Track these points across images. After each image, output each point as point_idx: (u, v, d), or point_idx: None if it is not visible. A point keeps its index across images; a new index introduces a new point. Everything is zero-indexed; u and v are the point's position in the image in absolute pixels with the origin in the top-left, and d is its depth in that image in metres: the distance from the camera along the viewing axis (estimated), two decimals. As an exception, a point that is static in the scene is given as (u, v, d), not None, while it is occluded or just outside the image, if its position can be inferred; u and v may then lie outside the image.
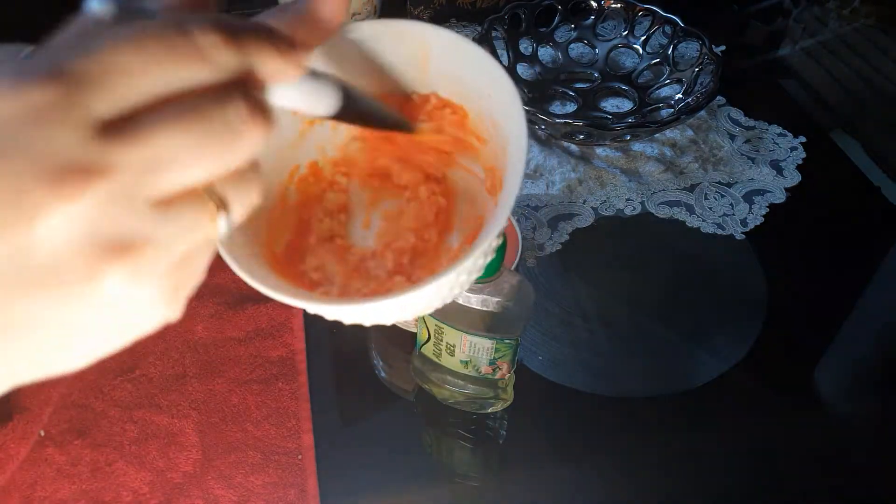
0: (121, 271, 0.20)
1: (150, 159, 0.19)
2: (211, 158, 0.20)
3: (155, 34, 0.20)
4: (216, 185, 0.21)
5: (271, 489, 0.48)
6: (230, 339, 0.56)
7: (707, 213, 0.69)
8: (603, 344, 0.59)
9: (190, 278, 0.23)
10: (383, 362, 0.57)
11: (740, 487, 0.51)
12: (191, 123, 0.20)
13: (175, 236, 0.21)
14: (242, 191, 0.22)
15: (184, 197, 0.21)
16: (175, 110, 0.20)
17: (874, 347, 0.62)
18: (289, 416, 0.52)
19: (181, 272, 0.22)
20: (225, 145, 0.20)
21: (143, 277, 0.20)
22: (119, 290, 0.20)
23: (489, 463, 0.53)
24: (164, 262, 0.21)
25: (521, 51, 0.82)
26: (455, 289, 0.30)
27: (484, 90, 0.31)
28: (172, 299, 0.22)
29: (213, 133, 0.20)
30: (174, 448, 0.50)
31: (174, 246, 0.21)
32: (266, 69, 0.22)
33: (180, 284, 0.22)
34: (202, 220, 0.21)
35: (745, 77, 0.87)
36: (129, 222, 0.19)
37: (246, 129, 0.21)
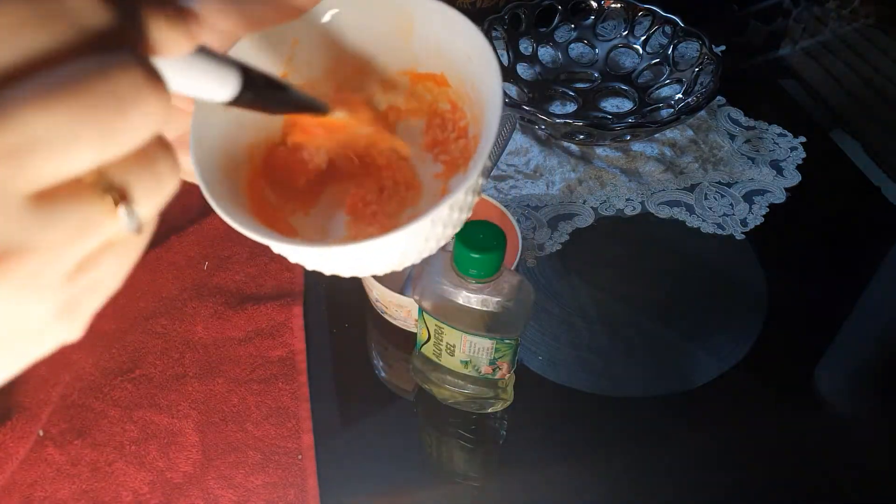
0: (4, 280, 0.16)
1: (15, 145, 0.16)
2: (97, 137, 0.16)
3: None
4: (113, 172, 0.18)
5: (271, 489, 0.48)
6: (230, 339, 0.56)
7: (707, 213, 0.69)
8: (603, 344, 0.59)
9: (93, 291, 0.19)
10: (383, 362, 0.57)
11: (740, 487, 0.51)
12: (66, 95, 0.16)
13: (62, 240, 0.17)
14: (150, 176, 0.18)
15: (69, 190, 0.17)
16: (45, 79, 0.16)
17: (874, 347, 0.62)
18: (289, 416, 0.52)
19: (79, 284, 0.18)
20: (113, 119, 0.17)
21: (30, 289, 0.17)
22: (3, 306, 0.17)
23: (489, 463, 0.53)
24: (54, 271, 0.17)
25: (521, 51, 0.82)
26: (432, 240, 0.29)
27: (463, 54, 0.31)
28: (70, 316, 0.19)
29: (97, 104, 0.16)
30: (174, 448, 0.50)
31: (63, 252, 0.17)
32: (154, 37, 0.18)
33: (79, 299, 0.19)
34: (95, 217, 0.17)
35: (745, 77, 0.87)
36: (1, 226, 0.16)
37: (140, 97, 0.17)
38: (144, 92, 0.17)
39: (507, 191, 0.70)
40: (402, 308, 0.54)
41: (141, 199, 0.18)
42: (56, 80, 0.16)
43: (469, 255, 0.43)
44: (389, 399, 0.55)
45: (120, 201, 0.18)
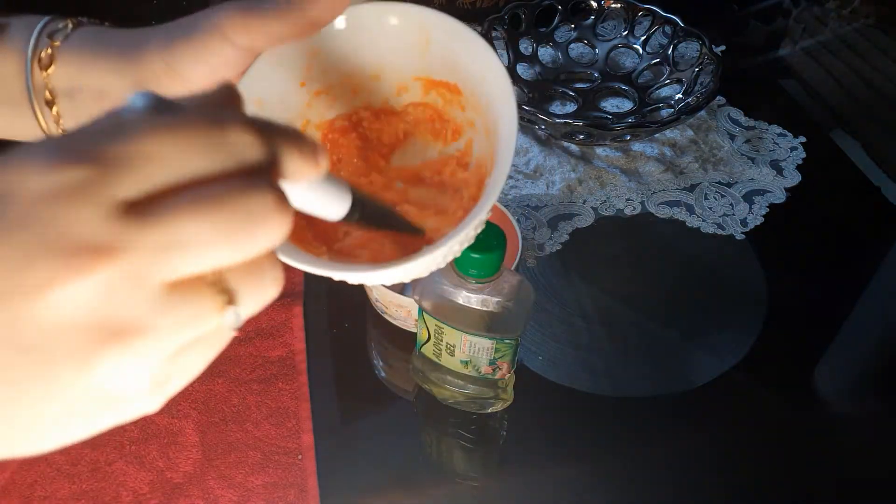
0: (118, 355, 0.19)
1: (166, 243, 0.19)
2: (227, 246, 0.20)
3: (190, 125, 0.20)
4: (229, 277, 0.21)
5: (271, 489, 0.48)
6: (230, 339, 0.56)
7: (707, 213, 0.69)
8: (603, 344, 0.59)
9: (182, 374, 0.22)
10: (383, 362, 0.57)
11: (740, 487, 0.51)
12: (213, 208, 0.19)
13: (177, 326, 0.20)
14: (256, 284, 0.22)
15: (192, 284, 0.20)
16: (198, 194, 0.20)
17: (874, 347, 0.62)
18: (289, 416, 0.52)
19: (175, 366, 0.21)
20: (243, 234, 0.20)
21: (140, 363, 0.20)
22: (109, 373, 0.19)
23: (489, 463, 0.53)
24: (161, 351, 0.20)
25: (521, 51, 0.82)
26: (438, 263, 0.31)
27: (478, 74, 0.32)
28: (158, 391, 0.21)
29: (233, 220, 0.20)
30: (174, 448, 0.50)
31: (174, 336, 0.20)
32: (288, 167, 0.22)
33: (171, 378, 0.22)
34: (208, 312, 0.20)
35: (745, 77, 0.87)
36: (134, 306, 0.19)
37: (267, 219, 0.20)
38: (271, 214, 0.20)
39: (507, 191, 0.70)
40: (402, 308, 0.54)
41: (245, 302, 0.21)
42: (205, 198, 0.19)
43: (469, 255, 0.43)
44: (389, 399, 0.55)
45: (229, 302, 0.21)
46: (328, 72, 0.35)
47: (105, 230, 0.18)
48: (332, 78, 0.35)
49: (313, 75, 0.34)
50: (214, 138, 0.20)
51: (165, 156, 0.19)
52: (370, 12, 0.32)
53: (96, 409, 0.20)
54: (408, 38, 0.33)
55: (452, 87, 0.34)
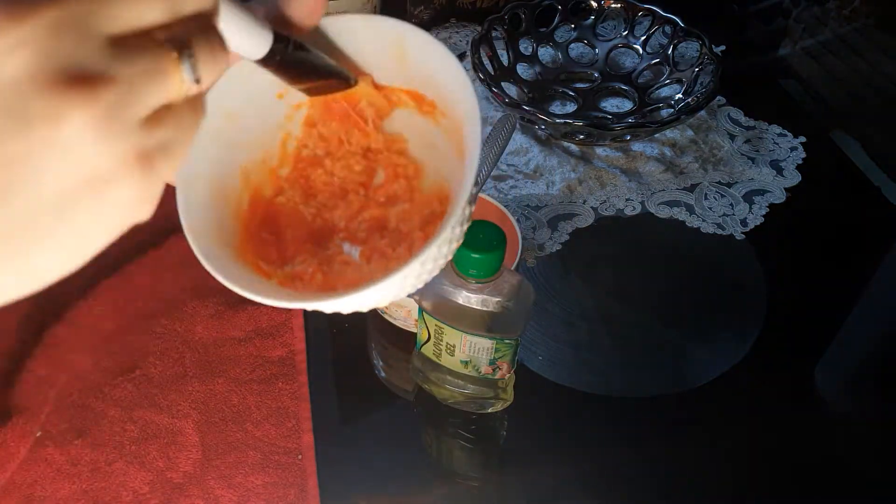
0: (83, 106, 0.19)
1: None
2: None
3: None
4: (177, 32, 0.21)
5: (271, 489, 0.48)
6: (230, 339, 0.56)
7: (707, 213, 0.69)
8: (603, 344, 0.59)
9: (163, 151, 0.21)
10: (383, 362, 0.57)
11: (740, 487, 0.51)
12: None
13: (136, 77, 0.20)
14: (207, 42, 0.22)
15: (141, 38, 0.20)
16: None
17: (874, 347, 0.62)
18: (289, 416, 0.52)
19: (152, 135, 0.21)
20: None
21: (107, 122, 0.19)
22: (82, 135, 0.19)
23: (489, 463, 0.53)
24: (130, 109, 0.20)
25: (521, 51, 0.82)
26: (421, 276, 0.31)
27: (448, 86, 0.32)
28: (140, 167, 0.20)
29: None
30: (174, 448, 0.50)
31: (138, 89, 0.20)
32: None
33: (151, 153, 0.21)
34: (164, 63, 0.20)
35: (745, 77, 0.87)
36: (85, 53, 0.19)
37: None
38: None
39: (507, 191, 0.70)
40: (402, 308, 0.54)
41: (200, 59, 0.21)
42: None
43: (469, 255, 0.43)
44: (389, 399, 0.55)
45: (184, 56, 0.21)
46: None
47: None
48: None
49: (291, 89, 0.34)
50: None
51: None
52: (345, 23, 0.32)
53: (81, 191, 0.20)
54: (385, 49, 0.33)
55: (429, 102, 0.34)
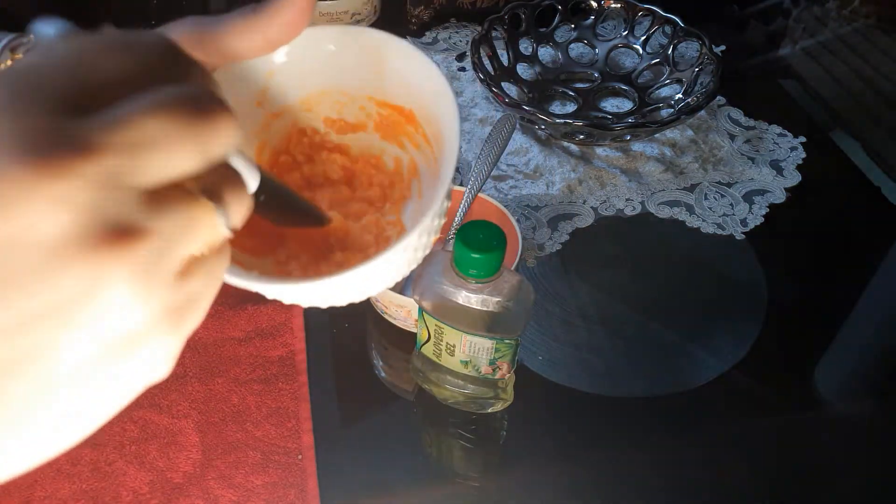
0: (121, 263, 0.18)
1: (131, 141, 0.18)
2: (191, 144, 0.20)
3: (112, 35, 0.21)
4: (206, 182, 0.21)
5: (271, 489, 0.48)
6: (230, 339, 0.56)
7: (707, 213, 0.69)
8: (603, 344, 0.59)
9: (191, 305, 0.21)
10: (383, 362, 0.57)
11: (740, 487, 0.51)
12: (168, 106, 0.19)
13: (174, 229, 0.19)
14: (234, 188, 0.22)
15: (175, 191, 0.20)
16: (149, 95, 0.20)
17: (874, 347, 0.62)
18: (289, 416, 0.52)
19: (183, 290, 0.20)
20: (202, 131, 0.20)
21: (144, 278, 0.19)
22: (118, 294, 0.18)
23: (489, 463, 0.53)
24: (166, 262, 0.19)
25: (521, 51, 0.82)
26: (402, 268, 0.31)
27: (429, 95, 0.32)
28: (170, 324, 0.20)
29: (190, 117, 0.20)
30: (174, 448, 0.50)
31: (175, 242, 0.20)
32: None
33: (181, 308, 0.21)
34: (200, 214, 0.20)
35: (745, 77, 0.87)
36: (122, 208, 0.18)
37: (219, 116, 0.21)
38: (223, 113, 0.21)
39: (507, 191, 0.70)
40: (402, 308, 0.54)
41: (230, 206, 0.22)
42: (157, 96, 0.19)
43: (469, 255, 0.43)
44: (389, 399, 0.55)
45: (215, 204, 0.21)
46: (286, 93, 0.34)
47: (65, 131, 0.18)
48: (291, 98, 0.35)
49: (271, 96, 0.34)
50: (140, 43, 0.21)
51: (100, 61, 0.20)
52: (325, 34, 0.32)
53: (105, 356, 0.19)
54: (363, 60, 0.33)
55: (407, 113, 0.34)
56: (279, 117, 0.35)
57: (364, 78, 0.34)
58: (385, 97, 0.34)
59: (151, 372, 0.21)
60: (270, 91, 0.34)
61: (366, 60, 0.33)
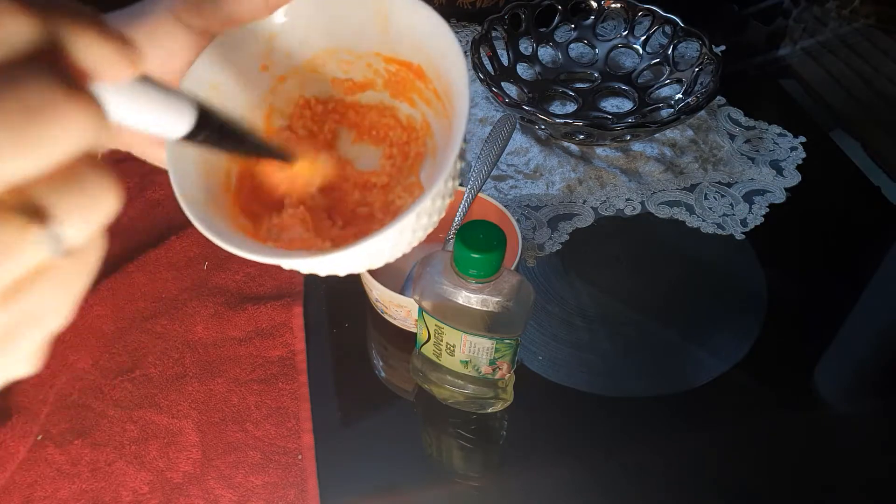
0: None
1: None
2: (10, 152, 0.15)
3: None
4: (35, 192, 0.17)
5: (271, 489, 0.48)
6: (230, 339, 0.56)
7: (707, 213, 0.69)
8: (603, 344, 0.59)
9: (31, 323, 0.18)
10: (383, 362, 0.57)
11: (740, 487, 0.51)
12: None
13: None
14: (75, 196, 0.17)
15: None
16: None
17: (874, 347, 0.62)
18: (289, 416, 0.52)
19: (14, 309, 0.17)
20: (27, 133, 0.15)
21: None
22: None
23: (489, 463, 0.53)
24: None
25: (521, 51, 0.82)
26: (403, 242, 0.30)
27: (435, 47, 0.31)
28: (9, 349, 0.18)
29: (7, 118, 0.15)
30: (174, 448, 0.50)
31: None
32: (86, 56, 0.18)
33: (15, 331, 0.18)
34: (11, 237, 0.16)
35: (745, 77, 0.87)
36: None
37: (56, 110, 0.16)
38: (62, 105, 0.16)
39: (507, 191, 0.70)
40: (402, 308, 0.54)
41: (67, 220, 0.17)
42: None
43: (469, 255, 0.43)
44: (389, 399, 0.55)
45: (39, 222, 0.16)
46: (291, 55, 0.34)
47: None
48: (296, 60, 0.34)
49: (275, 59, 0.34)
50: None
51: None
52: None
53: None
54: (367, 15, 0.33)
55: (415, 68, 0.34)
56: (285, 80, 0.35)
57: (369, 35, 0.33)
58: (392, 53, 0.34)
59: (13, 374, 0.19)
60: (274, 54, 0.34)
61: (370, 16, 0.33)
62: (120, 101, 0.20)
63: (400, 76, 0.35)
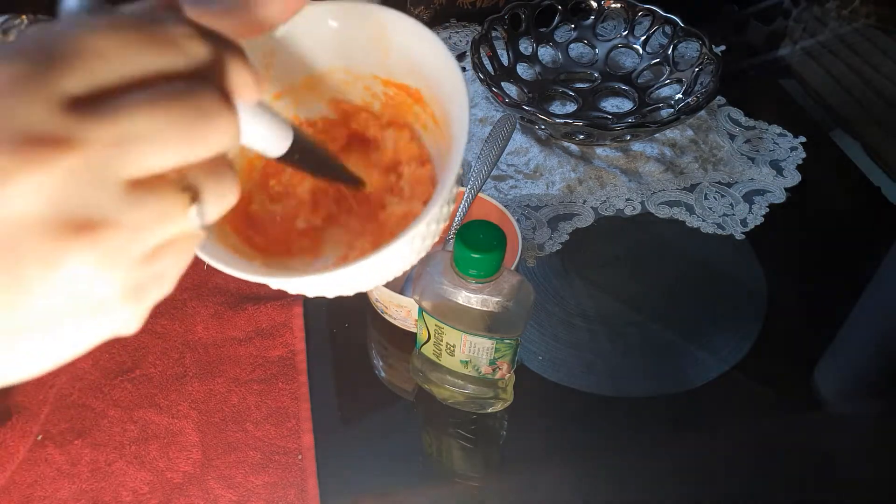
0: (85, 251, 0.19)
1: (121, 136, 0.19)
2: (182, 142, 0.20)
3: (130, 21, 0.20)
4: (190, 176, 0.21)
5: (271, 489, 0.48)
6: (230, 339, 0.56)
7: (707, 213, 0.69)
8: (603, 344, 0.59)
9: (156, 283, 0.22)
10: (383, 362, 0.57)
11: (740, 487, 0.51)
12: (163, 104, 0.20)
13: (144, 222, 0.20)
14: (217, 185, 0.22)
15: (155, 182, 0.20)
16: (148, 91, 0.20)
17: (874, 347, 0.62)
18: (289, 416, 0.52)
19: (149, 269, 0.21)
20: (196, 130, 0.20)
21: (108, 262, 0.20)
22: (82, 272, 0.20)
23: (489, 463, 0.53)
24: (133, 250, 0.20)
25: (521, 51, 0.82)
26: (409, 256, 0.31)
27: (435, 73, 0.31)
28: (135, 298, 0.21)
29: (185, 116, 0.20)
30: (174, 448, 0.50)
31: (144, 233, 0.20)
32: (234, 79, 0.22)
33: (146, 284, 0.22)
34: (173, 208, 0.21)
35: (745, 77, 0.87)
36: (97, 200, 0.19)
37: (218, 116, 0.21)
38: (222, 113, 0.21)
39: (507, 191, 0.70)
40: (402, 308, 0.54)
41: (208, 203, 0.22)
42: (156, 93, 0.20)
43: (469, 255, 0.43)
44: (389, 399, 0.55)
45: (193, 200, 0.21)
46: (287, 73, 0.34)
47: (58, 122, 0.19)
48: (293, 79, 0.34)
49: (271, 76, 0.33)
50: (158, 36, 0.20)
51: (110, 51, 0.20)
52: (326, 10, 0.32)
53: (73, 313, 0.20)
54: (367, 37, 0.32)
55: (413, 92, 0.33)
56: (280, 97, 0.35)
57: (369, 56, 0.33)
58: (391, 76, 0.34)
59: (119, 330, 0.22)
60: (272, 70, 0.33)
61: (370, 38, 0.32)
62: (243, 118, 0.24)
63: (398, 100, 0.34)
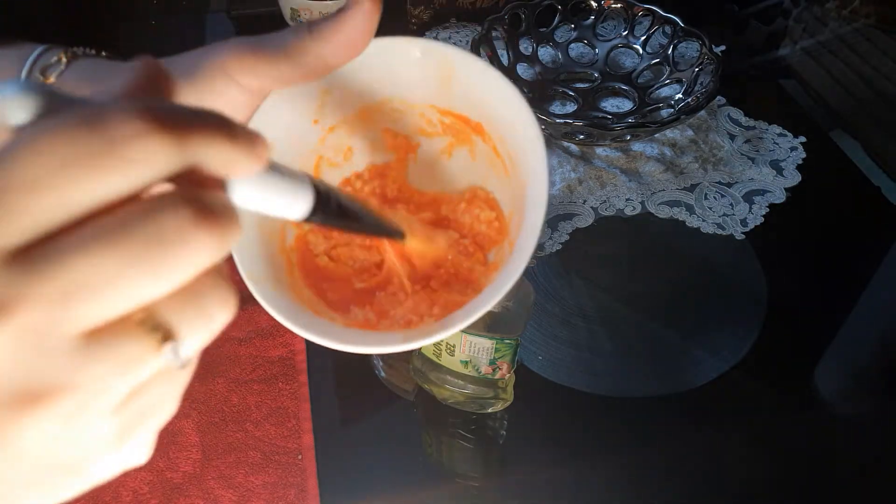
0: (43, 420, 0.17)
1: (65, 288, 0.16)
2: (143, 278, 0.17)
3: (60, 135, 0.16)
4: (161, 310, 0.18)
5: (271, 489, 0.48)
6: (230, 339, 0.56)
7: (707, 213, 0.69)
8: (603, 344, 0.59)
9: (146, 416, 0.20)
10: (383, 362, 0.57)
11: (740, 487, 0.51)
12: (112, 241, 0.16)
13: (106, 375, 0.17)
14: (197, 312, 0.19)
15: (116, 328, 0.17)
16: (96, 226, 0.17)
17: (874, 347, 0.62)
18: (289, 416, 0.52)
19: (132, 409, 0.19)
20: (160, 261, 0.17)
21: (76, 423, 0.18)
22: (49, 437, 0.17)
23: (489, 463, 0.53)
24: (101, 404, 0.18)
25: (521, 51, 0.82)
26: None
27: (505, 118, 0.31)
28: (128, 438, 0.20)
29: (145, 248, 0.17)
30: (174, 448, 0.50)
31: (109, 386, 0.18)
32: (216, 161, 0.19)
33: (134, 424, 0.19)
34: (140, 354, 0.18)
35: (745, 77, 0.87)
36: (46, 364, 0.17)
37: (186, 237, 0.17)
38: (191, 232, 0.17)
39: (507, 191, 0.70)
40: (402, 308, 0.54)
41: (188, 336, 0.19)
42: (103, 229, 0.17)
43: (469, 255, 0.43)
44: (389, 399, 0.55)
45: (167, 338, 0.18)
46: (342, 107, 0.34)
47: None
48: (347, 111, 0.34)
49: (326, 112, 0.33)
50: (105, 147, 0.16)
51: (35, 186, 0.16)
52: (385, 46, 0.31)
53: (52, 476, 0.19)
54: (430, 73, 0.32)
55: (474, 124, 0.33)
56: (334, 130, 0.34)
57: (427, 88, 0.32)
58: (450, 107, 0.33)
59: (124, 468, 0.21)
60: (326, 108, 0.33)
61: (432, 73, 0.31)
62: (245, 191, 0.21)
63: (456, 128, 0.34)
